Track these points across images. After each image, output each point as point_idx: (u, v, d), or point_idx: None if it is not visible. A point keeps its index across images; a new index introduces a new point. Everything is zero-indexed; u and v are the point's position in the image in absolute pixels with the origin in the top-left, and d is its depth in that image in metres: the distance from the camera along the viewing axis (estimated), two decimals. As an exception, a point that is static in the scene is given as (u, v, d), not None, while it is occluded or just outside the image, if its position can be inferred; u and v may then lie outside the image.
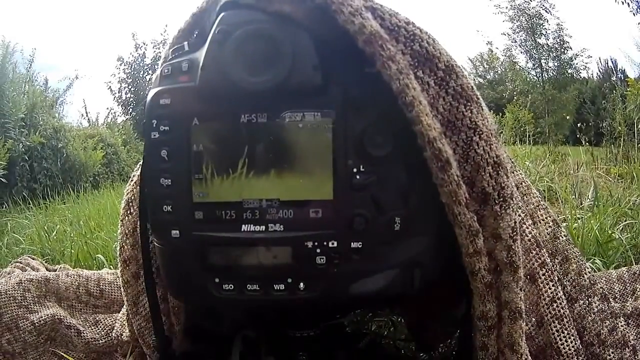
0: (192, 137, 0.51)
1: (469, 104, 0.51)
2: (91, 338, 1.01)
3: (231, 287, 0.53)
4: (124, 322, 0.97)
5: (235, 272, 0.53)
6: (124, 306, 0.83)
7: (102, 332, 1.03)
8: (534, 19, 13.10)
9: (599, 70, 14.08)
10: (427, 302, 0.72)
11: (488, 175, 0.52)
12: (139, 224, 0.63)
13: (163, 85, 0.52)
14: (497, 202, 0.52)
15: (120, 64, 13.00)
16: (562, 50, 13.32)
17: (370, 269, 0.53)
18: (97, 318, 1.07)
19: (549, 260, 0.67)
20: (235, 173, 0.51)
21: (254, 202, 0.51)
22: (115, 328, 1.01)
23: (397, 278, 0.54)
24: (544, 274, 0.66)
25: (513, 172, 0.70)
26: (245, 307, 0.63)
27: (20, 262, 1.29)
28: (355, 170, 0.50)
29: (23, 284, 1.02)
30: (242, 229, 0.52)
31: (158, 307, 0.66)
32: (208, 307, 0.73)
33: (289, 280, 0.53)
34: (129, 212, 0.68)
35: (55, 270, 1.23)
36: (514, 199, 0.53)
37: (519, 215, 0.61)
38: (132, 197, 0.68)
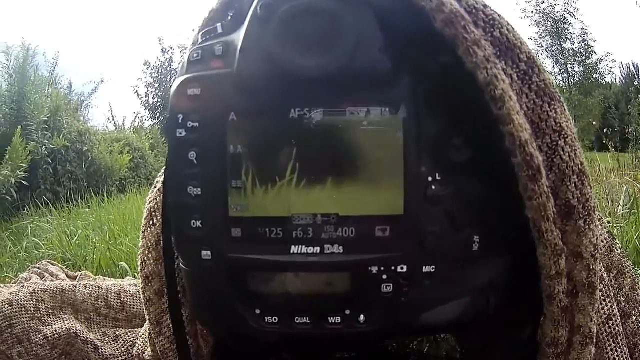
0: (228, 136, 0.42)
1: (553, 102, 0.44)
2: (110, 354, 0.95)
3: (275, 319, 0.45)
4: (147, 339, 0.90)
5: (282, 302, 0.45)
6: (147, 323, 0.76)
7: (122, 349, 0.97)
8: (559, 23, 13.10)
9: (622, 75, 14.16)
10: (489, 327, 0.63)
11: (573, 185, 0.45)
12: (162, 237, 0.55)
13: (191, 72, 0.44)
14: (581, 216, 0.45)
15: (147, 69, 13.22)
16: (587, 54, 13.33)
17: (443, 297, 0.46)
18: (117, 333, 1.01)
19: (606, 275, 0.61)
20: (282, 181, 0.42)
21: (306, 217, 0.43)
22: (137, 345, 0.94)
23: (471, 305, 0.47)
24: (601, 290, 0.59)
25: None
26: (292, 341, 0.55)
27: (39, 268, 1.22)
28: (430, 179, 0.43)
29: (36, 295, 0.96)
30: (291, 251, 0.43)
31: (183, 330, 0.59)
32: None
33: (347, 311, 0.45)
34: (151, 224, 0.60)
35: (75, 277, 1.18)
36: (596, 213, 0.47)
37: (600, 232, 0.56)
38: (156, 207, 0.59)
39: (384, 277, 0.43)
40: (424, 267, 0.44)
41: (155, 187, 0.60)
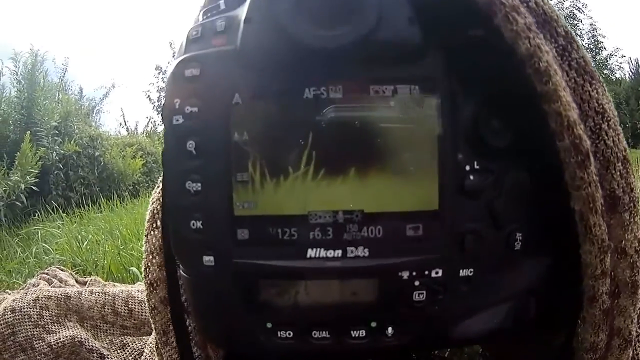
0: (231, 122, 0.37)
1: (594, 82, 0.40)
2: (116, 364, 0.93)
3: (290, 334, 0.40)
4: (154, 349, 0.86)
5: (296, 314, 0.39)
6: (153, 332, 0.72)
7: (130, 358, 0.95)
8: (568, 19, 13.15)
9: (631, 70, 14.26)
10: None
11: (618, 173, 0.40)
12: (162, 241, 0.50)
13: (190, 52, 0.39)
14: (626, 207, 0.41)
15: (159, 73, 13.23)
16: (597, 50, 13.28)
17: (481, 304, 0.41)
18: (124, 341, 0.98)
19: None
20: (296, 173, 0.36)
21: (325, 215, 0.37)
22: (145, 353, 0.92)
23: (511, 312, 0.42)
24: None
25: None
26: (308, 358, 0.48)
27: (47, 274, 1.21)
28: (467, 168, 0.38)
29: (40, 301, 0.94)
30: (308, 255, 0.38)
31: (189, 340, 0.54)
32: None
33: (373, 324, 0.39)
34: (154, 226, 0.54)
35: (85, 283, 1.17)
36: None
37: None
38: (158, 208, 0.54)
39: (416, 283, 0.38)
40: (460, 271, 0.39)
41: (158, 187, 0.56)
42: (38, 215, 3.31)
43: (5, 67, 4.27)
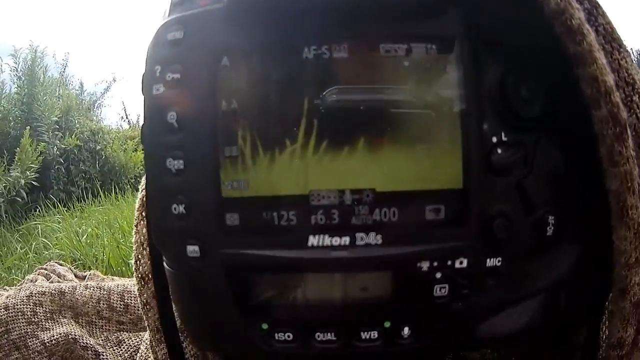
0: (218, 88, 0.32)
1: (622, 50, 0.36)
2: (112, 361, 0.90)
3: (289, 336, 0.35)
4: (149, 346, 0.82)
5: (297, 314, 0.35)
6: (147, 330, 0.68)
7: (126, 355, 0.92)
8: None
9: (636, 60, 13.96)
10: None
11: None
12: (148, 231, 0.46)
13: (174, 15, 0.34)
14: None
15: (160, 66, 13.14)
16: None
17: (509, 299, 0.36)
18: (120, 337, 0.96)
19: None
20: (294, 145, 0.31)
21: (329, 195, 0.32)
22: (140, 351, 0.88)
23: (540, 307, 0.37)
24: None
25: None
26: None
27: (46, 269, 1.19)
28: (494, 140, 0.33)
29: (34, 298, 0.92)
30: (309, 243, 0.33)
31: (178, 339, 0.49)
32: None
33: (387, 324, 0.34)
34: (144, 215, 0.50)
35: (84, 277, 1.16)
36: None
37: None
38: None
39: (438, 275, 0.33)
40: (487, 261, 0.34)
41: None
42: (39, 210, 3.28)
43: (5, 64, 4.25)
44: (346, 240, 0.32)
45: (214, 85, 0.32)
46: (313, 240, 0.32)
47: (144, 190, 0.49)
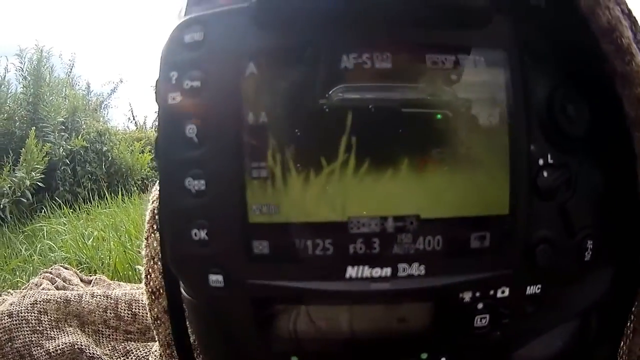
0: (245, 99, 0.28)
1: None
2: (119, 373, 0.88)
3: None
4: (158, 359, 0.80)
5: (329, 347, 0.32)
6: (157, 343, 0.66)
7: None
8: None
9: None
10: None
11: None
12: (160, 245, 0.42)
13: (192, 14, 0.31)
14: None
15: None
16: None
17: (546, 325, 0.35)
18: (128, 347, 0.93)
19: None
20: (332, 166, 0.28)
21: (370, 223, 0.29)
22: None
23: (575, 331, 0.36)
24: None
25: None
26: None
27: (51, 273, 1.17)
28: (541, 162, 0.30)
29: (38, 305, 0.90)
30: (347, 275, 0.29)
31: (192, 356, 0.46)
32: None
33: (424, 355, 0.32)
34: (155, 228, 0.47)
35: (90, 282, 1.15)
36: None
37: None
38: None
39: (479, 306, 0.31)
40: (528, 288, 0.32)
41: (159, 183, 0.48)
42: (44, 211, 3.27)
43: (11, 64, 4.25)
44: (387, 271, 0.29)
45: (239, 95, 0.28)
46: (351, 272, 0.29)
47: (154, 202, 0.46)
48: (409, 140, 0.28)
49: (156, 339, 0.56)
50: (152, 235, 0.48)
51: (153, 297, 0.51)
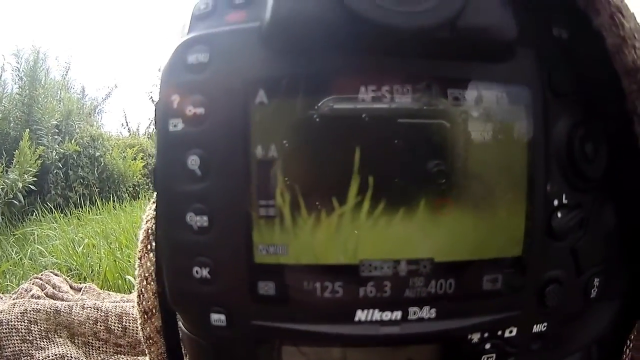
0: (253, 130, 0.26)
1: None
2: (108, 386, 0.86)
3: None
4: (150, 375, 0.79)
5: None
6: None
7: None
8: None
9: None
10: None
11: None
12: (155, 267, 0.41)
13: (196, 31, 0.29)
14: None
15: (163, 74, 13.20)
16: None
17: None
18: None
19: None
20: (344, 207, 0.26)
21: (383, 266, 0.27)
22: None
23: None
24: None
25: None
26: None
27: (41, 279, 1.15)
28: (556, 203, 0.30)
29: (28, 315, 0.88)
30: (357, 318, 0.28)
31: None
32: None
33: None
34: (149, 249, 0.44)
35: (79, 290, 1.12)
36: None
37: None
38: (154, 228, 0.44)
39: (487, 346, 0.30)
40: (534, 327, 0.31)
41: (154, 202, 0.46)
42: (36, 214, 3.24)
43: (7, 63, 4.22)
44: (398, 315, 0.28)
45: (246, 125, 0.26)
46: (361, 315, 0.28)
47: (148, 222, 0.43)
48: (425, 181, 0.27)
49: (148, 358, 0.55)
50: (146, 255, 0.46)
51: (145, 317, 0.49)
